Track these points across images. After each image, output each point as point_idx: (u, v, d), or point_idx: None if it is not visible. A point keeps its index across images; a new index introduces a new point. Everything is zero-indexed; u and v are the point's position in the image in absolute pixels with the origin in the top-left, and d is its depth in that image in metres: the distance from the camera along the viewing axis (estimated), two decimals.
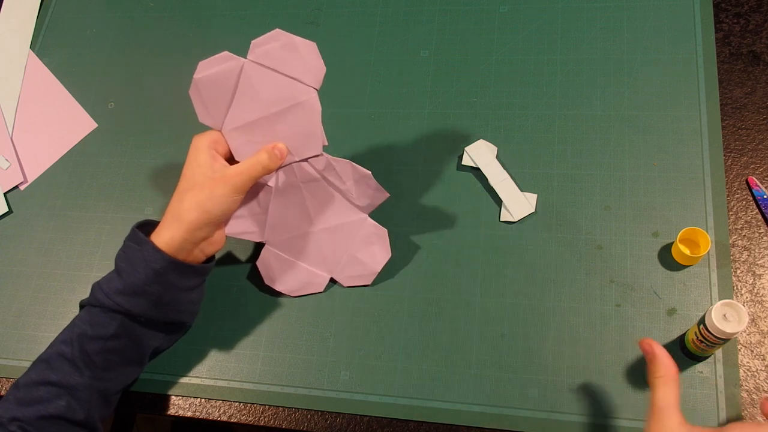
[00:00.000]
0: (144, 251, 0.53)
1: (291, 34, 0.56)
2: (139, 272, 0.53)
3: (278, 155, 0.57)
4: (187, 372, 0.64)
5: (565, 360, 0.58)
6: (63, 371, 0.52)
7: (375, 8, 0.77)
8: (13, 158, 0.78)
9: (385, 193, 0.61)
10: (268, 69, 0.56)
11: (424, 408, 0.59)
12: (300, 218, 0.62)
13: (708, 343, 0.52)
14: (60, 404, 0.51)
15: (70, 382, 0.52)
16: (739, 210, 0.61)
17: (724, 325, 0.50)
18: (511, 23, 0.73)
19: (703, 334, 0.52)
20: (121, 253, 0.55)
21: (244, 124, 0.58)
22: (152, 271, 0.53)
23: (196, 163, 0.56)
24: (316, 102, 0.56)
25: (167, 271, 0.54)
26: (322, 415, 0.61)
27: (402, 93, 0.72)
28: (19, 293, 0.71)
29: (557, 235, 0.63)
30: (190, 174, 0.56)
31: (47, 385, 0.51)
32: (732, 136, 0.64)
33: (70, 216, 0.73)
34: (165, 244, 0.54)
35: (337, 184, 0.60)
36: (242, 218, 0.61)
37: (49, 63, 0.83)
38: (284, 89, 0.56)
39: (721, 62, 0.67)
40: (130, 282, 0.53)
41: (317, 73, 0.56)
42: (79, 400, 0.52)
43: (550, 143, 0.67)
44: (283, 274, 0.64)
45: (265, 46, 0.56)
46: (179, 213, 0.55)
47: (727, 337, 0.50)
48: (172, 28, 0.82)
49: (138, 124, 0.77)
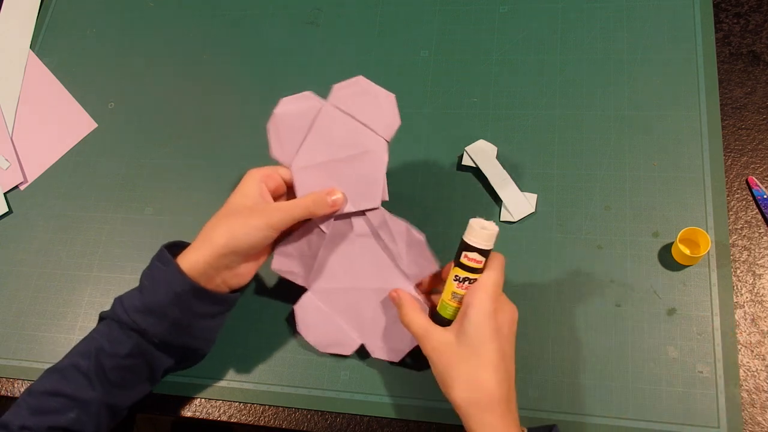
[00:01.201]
0: (168, 272, 0.52)
1: (372, 83, 0.56)
2: (159, 292, 0.52)
3: (328, 202, 0.55)
4: (188, 372, 0.64)
5: (565, 360, 0.58)
6: (77, 384, 0.52)
7: (375, 8, 0.77)
8: (13, 158, 0.78)
9: (434, 265, 0.56)
10: (345, 114, 0.56)
11: (425, 408, 0.59)
12: (346, 271, 0.59)
13: (469, 279, 0.51)
14: (70, 416, 0.51)
15: (82, 396, 0.51)
16: (739, 210, 0.61)
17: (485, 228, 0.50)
18: (511, 23, 0.73)
19: (462, 264, 0.51)
20: (147, 270, 0.54)
21: (312, 164, 0.57)
22: (173, 293, 0.52)
23: (241, 192, 0.55)
24: (385, 153, 0.55)
25: (187, 295, 0.53)
26: (322, 415, 0.61)
27: (402, 93, 0.72)
28: (19, 293, 0.71)
29: (557, 235, 0.63)
30: (233, 201, 0.55)
31: (60, 396, 0.51)
32: (732, 136, 0.64)
33: (70, 216, 0.73)
34: (189, 265, 0.53)
35: (389, 245, 0.57)
36: (291, 257, 0.59)
37: (49, 63, 0.83)
38: (356, 136, 0.56)
39: (721, 62, 0.67)
40: (150, 301, 0.52)
41: (391, 125, 0.56)
42: (89, 414, 0.52)
43: (550, 143, 0.67)
44: (317, 326, 0.60)
45: (345, 91, 0.56)
46: (210, 236, 0.53)
47: (485, 246, 0.50)
48: (172, 29, 0.82)
49: (138, 124, 0.77)
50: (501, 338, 0.49)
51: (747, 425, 0.54)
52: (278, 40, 0.78)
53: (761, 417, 0.54)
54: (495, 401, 0.47)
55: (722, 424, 0.55)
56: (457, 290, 0.51)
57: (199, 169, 0.73)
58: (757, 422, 0.54)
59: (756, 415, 0.55)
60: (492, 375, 0.47)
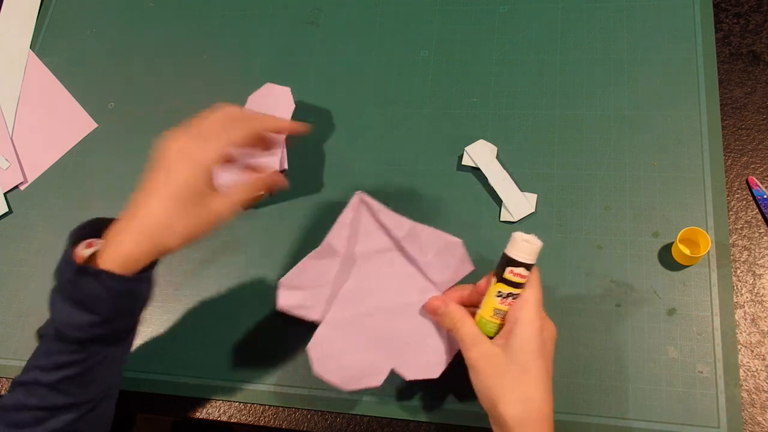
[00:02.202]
0: (103, 281, 0.47)
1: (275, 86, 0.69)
2: (107, 302, 0.47)
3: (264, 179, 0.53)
4: (187, 372, 0.64)
5: (565, 360, 0.58)
6: (43, 396, 0.49)
7: (375, 8, 0.77)
8: (13, 158, 0.78)
9: (470, 266, 0.55)
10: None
11: (425, 408, 0.59)
12: (367, 294, 0.55)
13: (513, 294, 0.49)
14: (49, 426, 0.49)
15: (56, 403, 0.49)
16: (739, 210, 0.61)
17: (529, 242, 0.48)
18: (511, 23, 0.73)
19: (507, 279, 0.49)
20: (72, 285, 0.47)
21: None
22: (113, 302, 0.48)
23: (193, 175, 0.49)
24: None
25: (129, 293, 0.49)
26: (322, 415, 0.61)
27: (402, 93, 0.72)
28: (19, 293, 0.71)
29: (557, 235, 0.63)
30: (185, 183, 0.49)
31: (31, 410, 0.49)
32: (732, 136, 0.64)
33: (70, 216, 0.73)
34: (125, 261, 0.47)
35: (416, 257, 0.54)
36: (298, 290, 0.55)
37: (49, 63, 0.83)
38: None
39: (721, 62, 0.67)
40: (103, 314, 0.48)
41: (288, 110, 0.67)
42: (66, 414, 0.49)
43: (550, 143, 0.67)
44: (338, 362, 0.54)
45: (256, 97, 0.70)
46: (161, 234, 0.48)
47: (530, 260, 0.49)
48: (172, 28, 0.82)
49: (138, 124, 0.77)
50: (545, 356, 0.48)
51: (747, 425, 0.54)
52: (278, 40, 0.78)
53: (761, 417, 0.54)
54: (543, 419, 0.47)
55: (722, 424, 0.55)
56: (499, 306, 0.50)
57: None
58: (757, 422, 0.54)
59: (756, 415, 0.55)
60: (542, 393, 0.47)
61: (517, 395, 0.47)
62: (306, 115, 0.72)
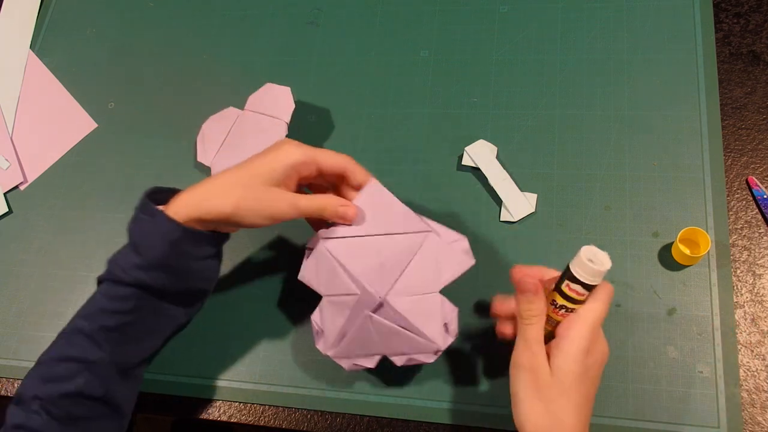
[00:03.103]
0: (157, 223, 0.51)
1: (275, 85, 0.71)
2: (155, 246, 0.51)
3: (339, 213, 0.53)
4: (188, 372, 0.64)
5: None
6: (82, 346, 0.51)
7: (375, 8, 0.77)
8: (13, 158, 0.78)
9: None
10: (256, 113, 0.70)
11: (425, 408, 0.59)
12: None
13: (567, 308, 0.47)
14: (79, 381, 0.51)
15: (88, 357, 0.51)
16: (739, 210, 0.61)
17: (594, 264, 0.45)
18: (511, 23, 0.73)
19: (563, 291, 0.46)
20: (133, 225, 0.53)
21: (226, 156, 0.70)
22: (167, 243, 0.51)
23: (270, 167, 0.52)
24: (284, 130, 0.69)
25: (182, 241, 0.51)
26: (322, 415, 0.61)
27: (402, 93, 0.72)
28: (19, 293, 0.71)
29: (557, 235, 0.63)
30: (256, 172, 0.52)
31: (67, 361, 0.51)
32: (732, 136, 0.64)
33: (70, 216, 0.73)
34: (179, 217, 0.51)
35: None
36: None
37: (49, 63, 0.83)
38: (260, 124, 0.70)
39: (721, 62, 0.67)
40: (148, 256, 0.51)
41: (288, 109, 0.69)
42: (97, 375, 0.51)
43: (550, 143, 0.67)
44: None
45: (256, 97, 0.72)
46: (216, 200, 0.51)
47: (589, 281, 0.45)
48: (172, 28, 0.82)
49: (138, 124, 0.77)
50: (587, 381, 0.47)
51: (747, 425, 0.54)
52: (278, 40, 0.78)
53: (761, 417, 0.54)
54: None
55: (722, 424, 0.55)
56: (551, 314, 0.48)
57: (199, 168, 0.73)
58: (757, 422, 0.54)
59: (756, 415, 0.55)
60: (573, 420, 0.46)
61: (547, 420, 0.46)
62: (306, 115, 0.72)
